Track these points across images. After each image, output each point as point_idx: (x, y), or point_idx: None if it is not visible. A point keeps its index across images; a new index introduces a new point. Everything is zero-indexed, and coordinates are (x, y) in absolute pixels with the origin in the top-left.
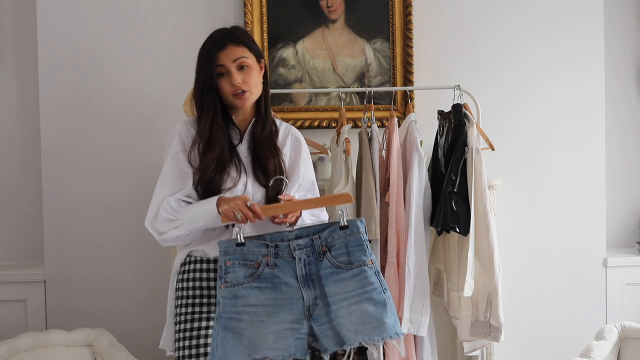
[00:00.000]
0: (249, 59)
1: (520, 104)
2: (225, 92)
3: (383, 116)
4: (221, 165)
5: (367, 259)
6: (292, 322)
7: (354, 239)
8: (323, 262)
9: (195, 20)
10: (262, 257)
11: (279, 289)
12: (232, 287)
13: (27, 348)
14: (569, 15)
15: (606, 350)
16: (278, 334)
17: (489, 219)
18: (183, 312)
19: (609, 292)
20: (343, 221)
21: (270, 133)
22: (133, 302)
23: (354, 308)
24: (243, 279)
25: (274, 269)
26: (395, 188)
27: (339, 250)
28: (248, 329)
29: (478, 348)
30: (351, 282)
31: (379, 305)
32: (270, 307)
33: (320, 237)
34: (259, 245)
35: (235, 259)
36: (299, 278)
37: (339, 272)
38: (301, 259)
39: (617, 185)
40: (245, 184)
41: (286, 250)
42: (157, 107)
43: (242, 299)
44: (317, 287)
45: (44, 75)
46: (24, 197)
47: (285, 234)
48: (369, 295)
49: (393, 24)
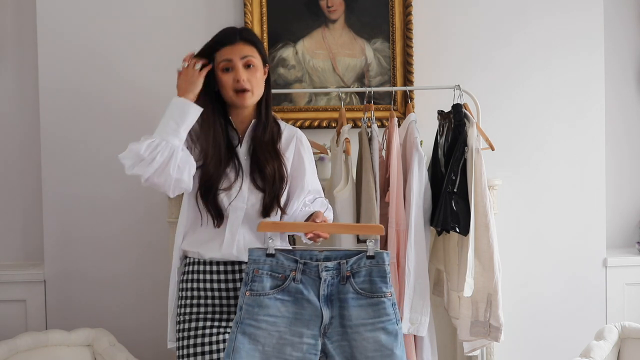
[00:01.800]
0: (256, 59)
1: (521, 103)
2: (227, 86)
3: (383, 116)
4: (218, 160)
5: (387, 291)
6: (308, 337)
7: (378, 270)
8: (346, 286)
9: (195, 19)
10: (289, 271)
11: (300, 304)
12: (257, 297)
13: (27, 348)
14: (569, 15)
15: (606, 350)
16: (294, 347)
17: (489, 219)
18: (184, 312)
19: (609, 292)
20: (371, 251)
21: (271, 136)
22: (134, 302)
23: (368, 335)
24: (269, 289)
25: (299, 285)
26: (395, 188)
27: (363, 278)
28: (265, 338)
29: (478, 348)
30: (369, 310)
31: (391, 335)
32: (290, 320)
33: (347, 263)
34: (289, 259)
35: (264, 270)
36: (320, 297)
37: (359, 299)
38: (326, 280)
39: (617, 185)
40: (241, 186)
41: (314, 269)
42: (157, 106)
43: (265, 308)
44: (335, 308)
45: (44, 73)
46: (23, 197)
47: (315, 253)
48: (383, 325)
49: (393, 24)
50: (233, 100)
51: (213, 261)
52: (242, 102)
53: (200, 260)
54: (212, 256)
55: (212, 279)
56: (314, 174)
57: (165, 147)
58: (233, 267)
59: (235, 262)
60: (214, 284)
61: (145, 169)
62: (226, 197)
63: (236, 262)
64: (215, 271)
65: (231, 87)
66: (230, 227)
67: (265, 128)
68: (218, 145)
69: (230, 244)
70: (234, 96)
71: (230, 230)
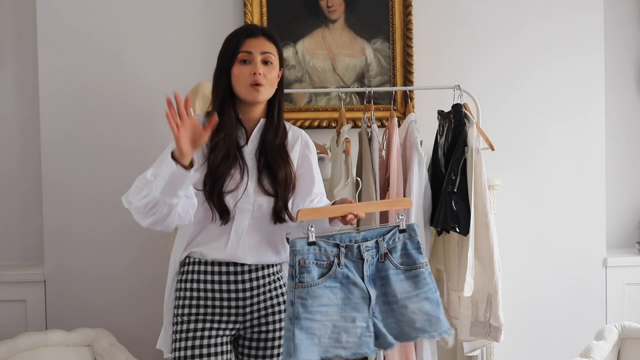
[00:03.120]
0: (274, 57)
1: (521, 104)
2: (243, 79)
3: (383, 116)
4: (227, 154)
5: (424, 260)
6: (360, 320)
7: (412, 242)
8: (385, 263)
9: (195, 19)
10: (333, 257)
11: (348, 288)
12: (309, 287)
13: (27, 348)
14: (569, 15)
15: (606, 350)
16: (348, 333)
17: (488, 219)
18: (181, 312)
19: (609, 292)
20: (403, 224)
21: (282, 141)
22: (134, 302)
23: (414, 307)
24: (317, 279)
25: (344, 269)
26: (395, 188)
27: (399, 252)
28: (320, 329)
29: (478, 348)
30: (410, 283)
31: (434, 303)
32: (340, 307)
33: (384, 240)
34: (330, 245)
35: (310, 259)
36: (365, 278)
37: (399, 273)
38: (368, 260)
39: (617, 185)
40: (246, 186)
41: (356, 251)
42: (157, 105)
43: (317, 299)
44: (378, 287)
45: (44, 73)
46: (23, 197)
47: (353, 235)
48: (426, 295)
49: (393, 24)
50: (245, 94)
51: (215, 261)
52: (255, 96)
53: (202, 260)
54: (216, 256)
55: (213, 280)
56: (319, 175)
57: (164, 205)
58: (236, 268)
59: (238, 264)
60: (215, 284)
61: (145, 221)
62: (232, 198)
63: (239, 264)
64: (217, 272)
65: (247, 80)
66: (236, 228)
67: (277, 132)
68: (228, 143)
69: (235, 244)
70: (247, 90)
71: (235, 231)
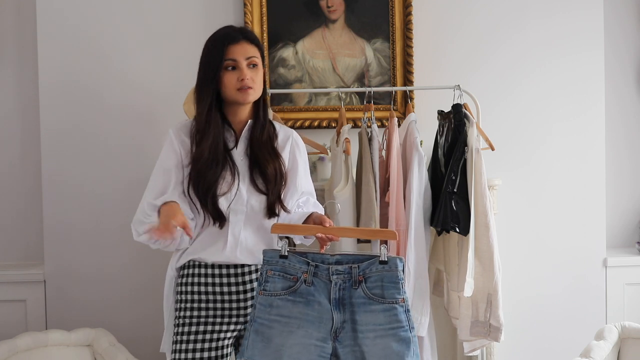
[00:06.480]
0: (258, 59)
1: (521, 104)
2: (231, 85)
3: (383, 116)
4: (215, 160)
5: (400, 297)
6: (318, 339)
7: (391, 275)
8: (357, 290)
9: (195, 19)
10: (301, 273)
11: (311, 306)
12: (269, 296)
13: (27, 348)
14: (569, 15)
15: (606, 350)
16: (303, 347)
17: (489, 219)
18: (182, 315)
19: (608, 292)
20: (384, 256)
21: (268, 136)
22: (134, 302)
23: (379, 341)
24: (280, 290)
25: (310, 287)
26: (395, 188)
27: (375, 283)
28: (277, 337)
29: (478, 348)
30: (380, 316)
31: (402, 343)
32: (300, 321)
33: (359, 267)
34: (301, 262)
35: (276, 270)
36: (331, 300)
37: (370, 304)
38: (337, 284)
39: (617, 185)
40: (238, 187)
41: (325, 272)
42: (157, 104)
43: (276, 308)
44: (347, 312)
45: (44, 72)
46: (23, 196)
47: (326, 256)
48: (395, 332)
49: (393, 24)
50: (235, 97)
51: (216, 264)
52: (244, 98)
53: (202, 263)
54: (216, 260)
55: (214, 282)
56: (308, 175)
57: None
58: (236, 270)
59: (239, 266)
60: (217, 287)
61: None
62: (225, 200)
63: (239, 265)
64: (217, 274)
65: (235, 85)
66: (232, 230)
67: (263, 128)
68: (216, 147)
69: (233, 246)
70: (237, 93)
71: (232, 233)
